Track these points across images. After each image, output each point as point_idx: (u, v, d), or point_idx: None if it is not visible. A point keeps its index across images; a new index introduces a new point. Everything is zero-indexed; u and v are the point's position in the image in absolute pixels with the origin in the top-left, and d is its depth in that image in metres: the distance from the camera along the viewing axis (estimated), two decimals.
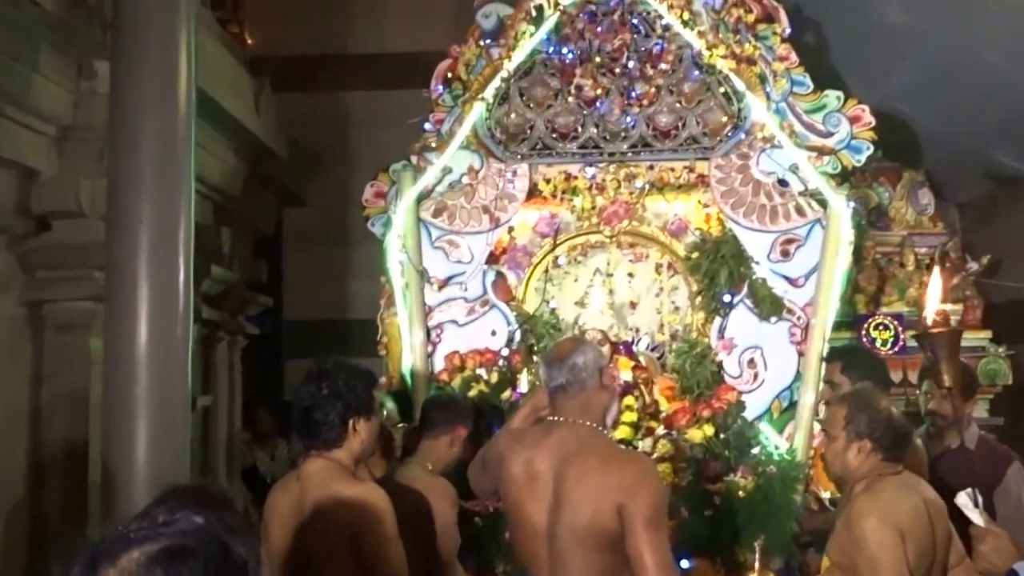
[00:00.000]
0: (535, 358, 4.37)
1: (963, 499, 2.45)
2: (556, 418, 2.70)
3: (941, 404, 3.91)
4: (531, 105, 4.49)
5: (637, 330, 4.61)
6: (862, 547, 2.64)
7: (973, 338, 5.22)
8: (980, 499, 2.46)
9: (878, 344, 4.98)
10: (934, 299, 2.72)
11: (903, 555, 2.62)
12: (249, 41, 5.95)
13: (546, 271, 4.60)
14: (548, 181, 4.54)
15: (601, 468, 2.55)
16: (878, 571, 2.62)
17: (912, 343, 5.06)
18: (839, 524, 2.85)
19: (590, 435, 2.65)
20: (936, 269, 3.51)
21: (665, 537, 2.52)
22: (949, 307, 5.22)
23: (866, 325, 5.01)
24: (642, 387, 4.34)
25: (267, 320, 6.14)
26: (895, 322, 5.00)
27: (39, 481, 4.11)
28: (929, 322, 2.63)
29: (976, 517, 2.40)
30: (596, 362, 2.70)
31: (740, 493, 4.03)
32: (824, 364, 4.10)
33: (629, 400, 4.26)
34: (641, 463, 2.74)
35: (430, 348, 4.43)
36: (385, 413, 3.50)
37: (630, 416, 4.23)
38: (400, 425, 4.01)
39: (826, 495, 4.01)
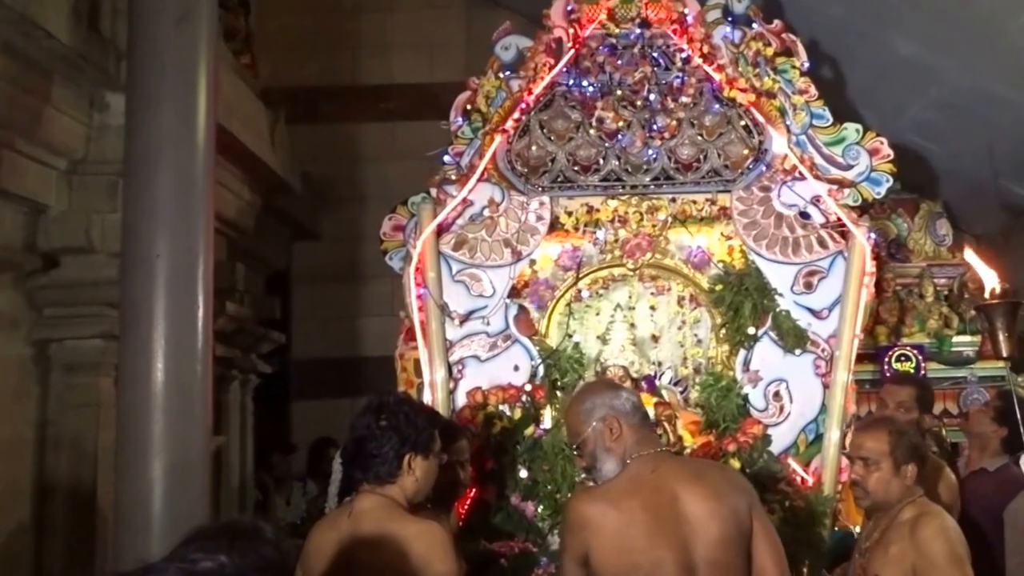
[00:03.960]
0: (559, 393, 4.28)
1: None
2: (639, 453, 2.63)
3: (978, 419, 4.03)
4: (552, 138, 4.41)
5: (660, 364, 4.50)
6: (936, 568, 2.76)
7: (991, 367, 5.21)
8: None
9: None
10: (989, 277, 2.80)
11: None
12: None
13: (568, 305, 4.49)
14: (570, 214, 4.45)
15: (720, 478, 2.68)
16: None
17: (934, 374, 5.04)
18: (895, 551, 2.86)
19: (672, 456, 2.81)
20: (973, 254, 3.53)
21: None
22: (967, 338, 5.23)
23: (888, 357, 4.97)
24: (666, 424, 4.26)
25: (275, 359, 5.98)
26: (917, 353, 4.96)
27: (44, 528, 3.96)
28: (988, 295, 2.75)
29: None
30: None
31: None
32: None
33: None
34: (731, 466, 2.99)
35: (451, 384, 4.31)
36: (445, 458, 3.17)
37: None
38: None
39: (856, 528, 3.94)
